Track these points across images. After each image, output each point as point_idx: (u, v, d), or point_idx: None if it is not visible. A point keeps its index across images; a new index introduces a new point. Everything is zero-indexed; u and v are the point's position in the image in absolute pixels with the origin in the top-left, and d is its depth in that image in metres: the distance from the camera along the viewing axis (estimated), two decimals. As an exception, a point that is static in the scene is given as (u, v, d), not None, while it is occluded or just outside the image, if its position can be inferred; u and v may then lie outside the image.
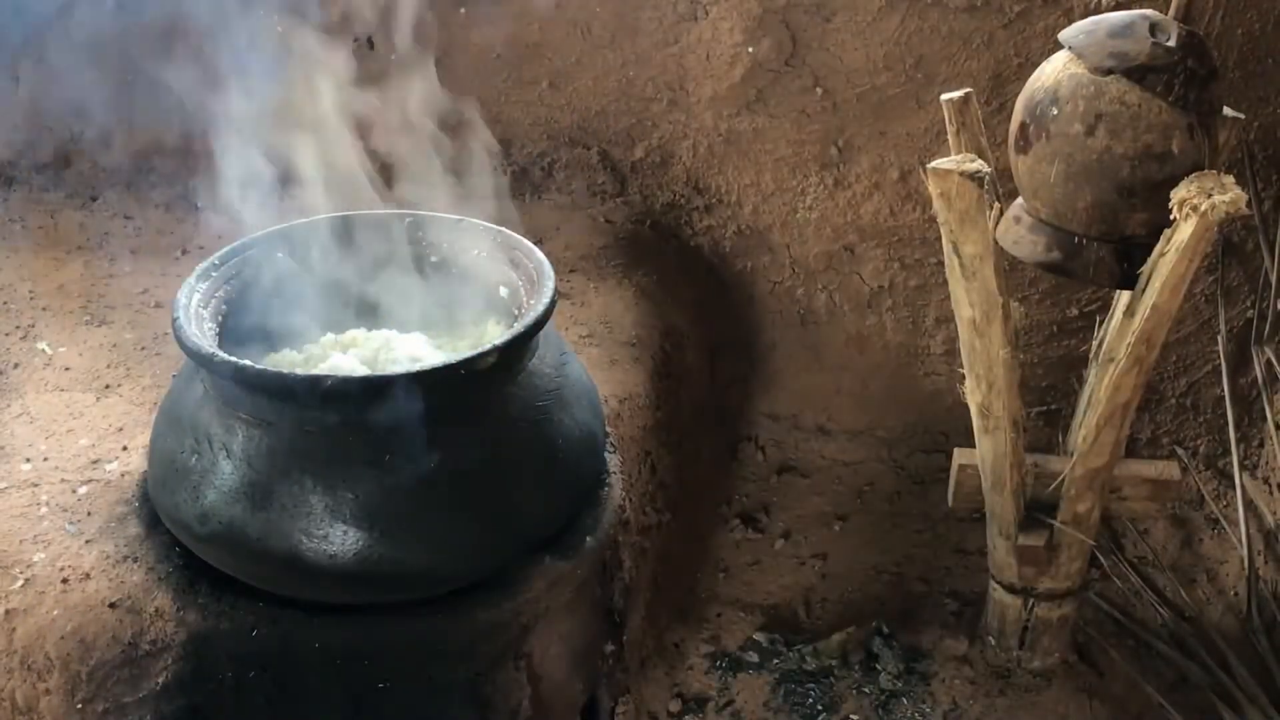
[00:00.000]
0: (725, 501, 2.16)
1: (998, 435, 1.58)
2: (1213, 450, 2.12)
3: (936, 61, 1.94)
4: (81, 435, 1.48)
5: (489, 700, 1.27)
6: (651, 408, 1.74)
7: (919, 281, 2.13)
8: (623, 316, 1.88)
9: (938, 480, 2.01)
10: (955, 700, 1.74)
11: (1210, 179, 1.30)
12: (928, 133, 2.00)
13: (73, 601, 1.23)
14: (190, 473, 1.17)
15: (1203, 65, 1.34)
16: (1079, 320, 2.07)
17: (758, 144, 2.11)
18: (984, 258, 1.43)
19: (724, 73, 2.04)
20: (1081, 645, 1.81)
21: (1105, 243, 1.42)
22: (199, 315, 1.20)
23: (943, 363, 2.19)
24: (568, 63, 2.12)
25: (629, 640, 1.53)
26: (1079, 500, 1.61)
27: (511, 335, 1.17)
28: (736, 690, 1.76)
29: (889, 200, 2.08)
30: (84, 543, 1.29)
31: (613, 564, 1.41)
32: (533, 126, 2.21)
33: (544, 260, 1.32)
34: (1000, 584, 1.74)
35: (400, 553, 1.15)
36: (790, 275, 2.21)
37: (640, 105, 2.13)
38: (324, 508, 1.12)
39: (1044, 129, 1.39)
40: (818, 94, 2.03)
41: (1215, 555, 1.99)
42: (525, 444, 1.22)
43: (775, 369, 2.29)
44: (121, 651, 1.22)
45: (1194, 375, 2.08)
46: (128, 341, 1.75)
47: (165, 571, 1.25)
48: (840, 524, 2.12)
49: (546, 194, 2.27)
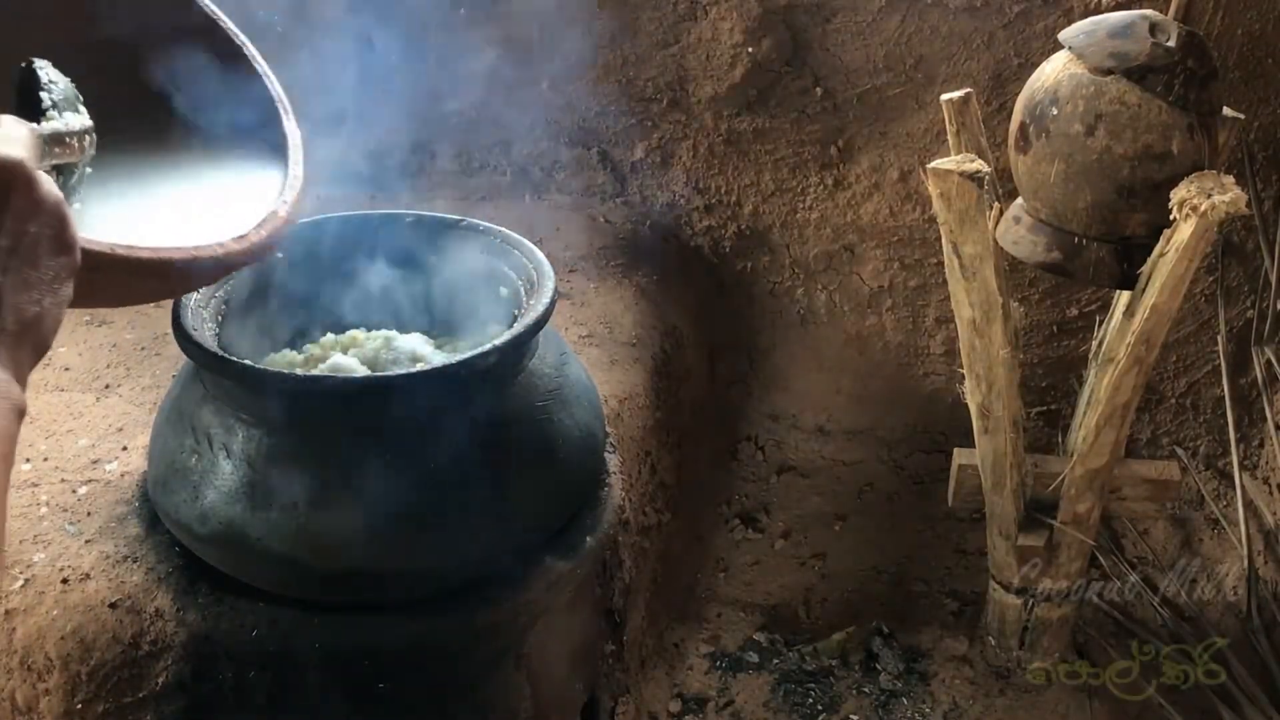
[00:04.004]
0: (725, 501, 2.16)
1: (998, 435, 1.58)
2: (1213, 450, 2.12)
3: (936, 61, 1.94)
4: (81, 435, 1.48)
5: (489, 700, 1.27)
6: (651, 408, 1.74)
7: (919, 281, 2.13)
8: (623, 316, 1.88)
9: (938, 480, 2.01)
10: (955, 700, 1.74)
11: (1210, 179, 1.30)
12: (928, 133, 2.00)
13: (73, 602, 1.23)
14: (190, 473, 1.17)
15: (1203, 65, 1.34)
16: (1079, 320, 2.07)
17: (758, 144, 2.11)
18: (984, 258, 1.43)
19: (724, 73, 2.04)
20: (1081, 645, 1.81)
21: (1105, 243, 1.42)
22: (199, 315, 1.20)
23: (943, 363, 2.19)
24: (568, 63, 2.12)
25: (629, 640, 1.53)
26: (1079, 500, 1.61)
27: (511, 335, 1.17)
28: (736, 690, 1.76)
29: (889, 200, 2.08)
30: (84, 543, 1.29)
31: (613, 564, 1.41)
32: (532, 126, 2.21)
33: (544, 260, 1.32)
34: (1000, 584, 1.75)
35: (400, 552, 1.15)
36: (790, 275, 2.21)
37: (640, 105, 2.13)
38: (324, 508, 1.12)
39: (1044, 129, 1.39)
40: (818, 94, 2.03)
41: (1215, 555, 1.99)
42: (525, 444, 1.22)
43: (775, 369, 2.29)
44: (121, 652, 1.22)
45: (1194, 375, 2.08)
46: (128, 341, 1.75)
47: (165, 571, 1.25)
48: (840, 524, 2.12)
49: (546, 194, 2.27)
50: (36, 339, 0.68)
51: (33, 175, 0.67)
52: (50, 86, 0.84)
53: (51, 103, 0.83)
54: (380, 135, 2.11)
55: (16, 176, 0.66)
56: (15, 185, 0.66)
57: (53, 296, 0.69)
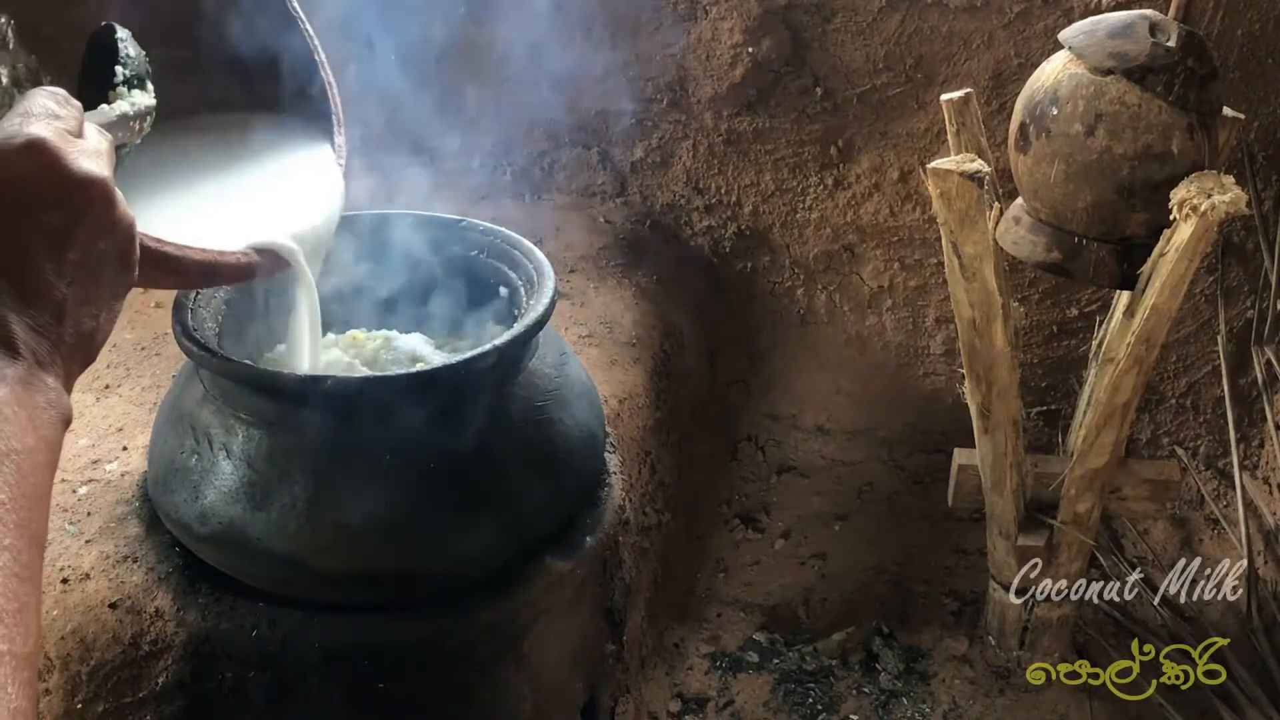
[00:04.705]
0: (725, 501, 2.16)
1: (998, 435, 1.58)
2: (1213, 450, 2.12)
3: (936, 61, 1.94)
4: (81, 435, 1.48)
5: (489, 700, 1.27)
6: (651, 408, 1.73)
7: (919, 281, 2.13)
8: (623, 316, 1.88)
9: (938, 480, 2.01)
10: (955, 700, 1.74)
11: (1210, 179, 1.30)
12: (928, 133, 2.00)
13: (73, 601, 1.23)
14: (190, 473, 1.17)
15: (1203, 65, 1.34)
16: (1079, 320, 2.07)
17: (758, 144, 2.11)
18: (984, 258, 1.43)
19: (724, 73, 2.04)
20: (1081, 645, 1.81)
21: (1105, 243, 1.42)
22: (198, 315, 1.20)
23: (943, 363, 2.19)
24: (568, 63, 2.12)
25: (629, 640, 1.53)
26: (1079, 500, 1.61)
27: (511, 335, 1.17)
28: (736, 690, 1.76)
29: (889, 200, 2.08)
30: (84, 543, 1.29)
31: (613, 564, 1.41)
32: (533, 126, 2.21)
33: (544, 260, 1.32)
34: (1000, 584, 1.74)
35: (400, 553, 1.15)
36: (790, 275, 2.21)
37: (640, 105, 2.13)
38: (323, 508, 1.12)
39: (1044, 129, 1.39)
40: (818, 94, 2.03)
41: (1215, 555, 1.99)
42: (525, 444, 1.22)
43: (775, 369, 2.29)
44: (121, 652, 1.22)
45: (1194, 375, 2.07)
46: (128, 341, 1.75)
47: (165, 571, 1.25)
48: (840, 524, 2.11)
49: (546, 194, 2.27)
50: (87, 352, 0.69)
51: (113, 195, 0.68)
52: (126, 60, 0.82)
53: (124, 78, 0.82)
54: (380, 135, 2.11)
55: (96, 195, 0.66)
56: (94, 202, 0.66)
57: (108, 312, 0.69)
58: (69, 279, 0.65)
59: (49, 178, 0.64)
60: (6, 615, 0.55)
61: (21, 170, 0.64)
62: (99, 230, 0.67)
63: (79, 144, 0.67)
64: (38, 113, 0.66)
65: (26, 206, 0.64)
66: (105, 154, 0.69)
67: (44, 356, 0.64)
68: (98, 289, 0.68)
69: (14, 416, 0.60)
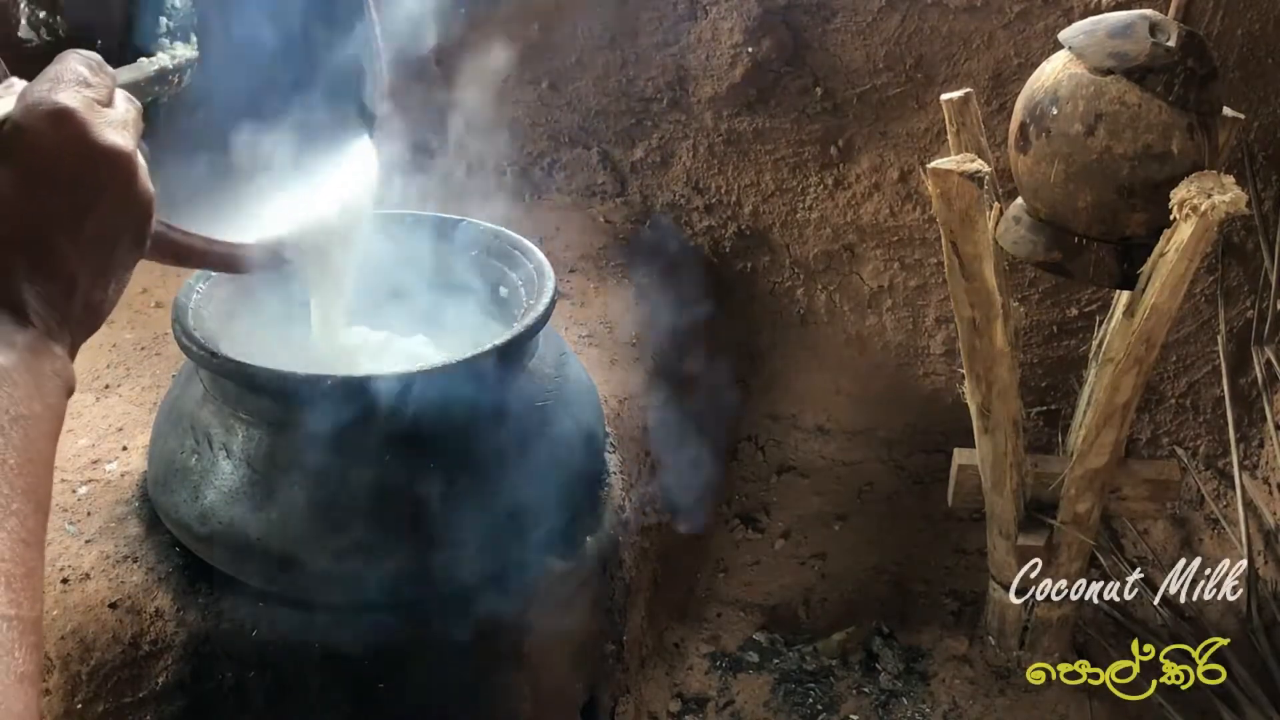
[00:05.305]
0: (725, 501, 2.16)
1: (997, 435, 1.58)
2: (1213, 450, 2.12)
3: (936, 61, 1.94)
4: (81, 435, 1.48)
5: (489, 700, 1.27)
6: (651, 408, 1.73)
7: (919, 281, 2.13)
8: (623, 316, 1.88)
9: (938, 480, 2.01)
10: (955, 700, 1.74)
11: (1210, 179, 1.30)
12: (928, 133, 2.00)
13: (73, 601, 1.23)
14: (190, 473, 1.17)
15: (1203, 65, 1.34)
16: (1079, 320, 2.06)
17: (758, 144, 2.11)
18: (984, 258, 1.43)
19: (724, 73, 2.04)
20: (1081, 645, 1.81)
21: (1105, 243, 1.42)
22: (199, 315, 1.20)
23: (943, 363, 2.19)
24: (568, 63, 2.12)
25: (629, 640, 1.53)
26: (1079, 500, 1.61)
27: (511, 335, 1.17)
28: (736, 690, 1.76)
29: (889, 200, 2.08)
30: (84, 543, 1.29)
31: (612, 564, 1.41)
32: (533, 126, 2.21)
33: (544, 260, 1.32)
34: (1000, 584, 1.74)
35: (400, 553, 1.15)
36: (790, 275, 2.21)
37: (640, 105, 2.13)
38: (323, 508, 1.12)
39: (1044, 129, 1.39)
40: (818, 94, 2.03)
41: (1215, 555, 1.99)
42: (525, 444, 1.22)
43: (775, 369, 2.29)
44: (121, 652, 1.22)
45: (1194, 375, 2.07)
46: (128, 341, 1.75)
47: (165, 571, 1.25)
48: (840, 524, 2.12)
49: (546, 194, 2.27)
50: (93, 322, 0.68)
51: (135, 168, 0.66)
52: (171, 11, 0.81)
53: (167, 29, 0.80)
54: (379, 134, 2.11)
55: (120, 168, 0.65)
56: (117, 176, 0.65)
57: (118, 283, 0.69)
58: (84, 252, 0.64)
59: (74, 149, 0.63)
60: (14, 580, 0.55)
61: (46, 140, 0.62)
62: (119, 204, 0.66)
63: (106, 114, 0.65)
64: (69, 79, 0.64)
65: (48, 177, 0.63)
66: (132, 124, 0.67)
67: (53, 326, 0.64)
68: (111, 261, 0.67)
69: (23, 383, 0.60)
